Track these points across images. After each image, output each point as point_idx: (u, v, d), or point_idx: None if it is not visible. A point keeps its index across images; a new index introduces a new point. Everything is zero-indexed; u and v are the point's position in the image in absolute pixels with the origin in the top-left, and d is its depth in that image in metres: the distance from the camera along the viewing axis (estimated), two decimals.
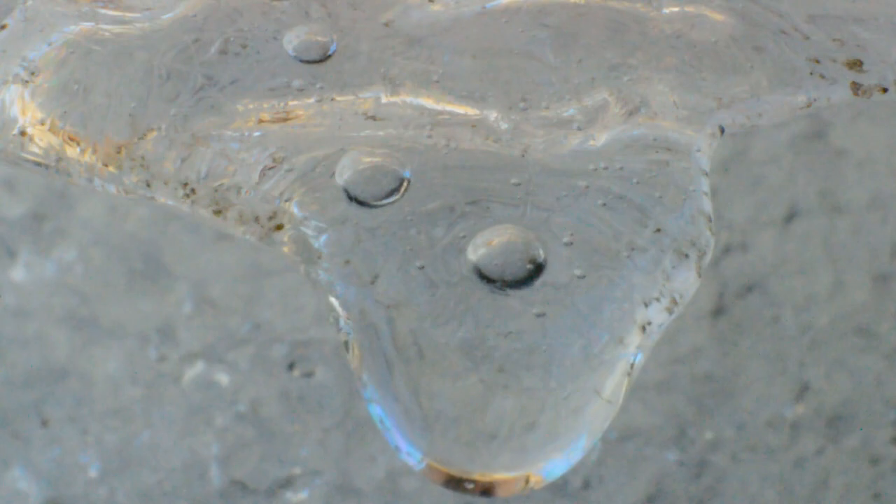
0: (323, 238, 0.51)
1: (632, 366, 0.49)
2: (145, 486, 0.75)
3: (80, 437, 0.77)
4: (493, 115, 0.54)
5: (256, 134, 0.53)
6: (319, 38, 0.55)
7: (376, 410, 0.47)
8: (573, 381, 0.48)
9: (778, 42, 0.56)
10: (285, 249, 0.51)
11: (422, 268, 0.50)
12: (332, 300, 0.49)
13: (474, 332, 0.48)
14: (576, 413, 0.46)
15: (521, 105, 0.54)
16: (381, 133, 0.53)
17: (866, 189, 0.82)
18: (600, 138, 0.53)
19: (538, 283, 0.50)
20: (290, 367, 0.78)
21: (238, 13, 0.55)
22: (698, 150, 0.53)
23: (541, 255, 0.50)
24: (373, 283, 0.49)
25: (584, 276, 0.50)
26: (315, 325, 0.78)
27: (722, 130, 0.54)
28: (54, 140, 0.53)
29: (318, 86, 0.54)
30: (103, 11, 0.55)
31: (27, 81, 0.53)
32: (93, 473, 0.76)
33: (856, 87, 0.54)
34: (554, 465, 0.46)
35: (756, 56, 0.55)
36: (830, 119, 0.83)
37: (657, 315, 0.49)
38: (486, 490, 0.46)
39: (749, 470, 0.75)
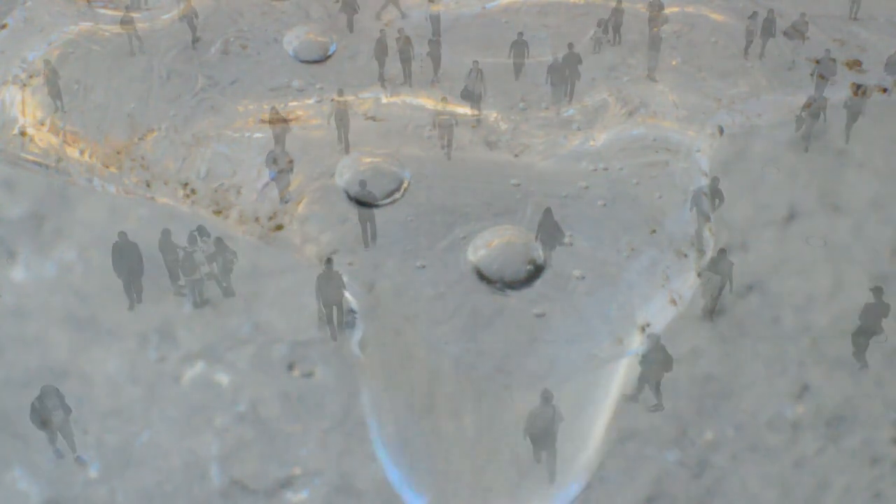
0: (324, 238, 0.51)
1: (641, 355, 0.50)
2: (145, 486, 0.75)
3: (80, 437, 0.77)
4: (492, 115, 0.54)
5: (257, 135, 0.53)
6: (319, 39, 0.55)
7: (389, 468, 0.47)
8: (573, 381, 0.48)
9: (778, 42, 0.56)
10: (296, 256, 0.51)
11: (422, 268, 0.50)
12: (347, 294, 0.50)
13: (474, 332, 0.48)
14: (567, 462, 0.47)
15: (521, 105, 0.54)
16: (381, 133, 0.53)
17: (866, 189, 0.82)
18: (600, 139, 0.53)
19: (538, 283, 0.50)
20: (290, 367, 0.78)
21: (238, 14, 0.56)
22: (698, 151, 0.53)
23: (540, 256, 0.50)
24: (373, 283, 0.49)
25: (583, 277, 0.50)
26: (315, 325, 0.78)
27: (722, 130, 0.54)
28: (54, 140, 0.53)
29: (318, 86, 0.54)
30: (103, 11, 0.55)
31: (26, 84, 0.53)
32: (93, 473, 0.76)
33: (856, 87, 0.54)
34: None
35: (756, 56, 0.55)
36: (830, 119, 0.83)
37: (657, 315, 0.49)
38: None
39: (749, 470, 0.75)
